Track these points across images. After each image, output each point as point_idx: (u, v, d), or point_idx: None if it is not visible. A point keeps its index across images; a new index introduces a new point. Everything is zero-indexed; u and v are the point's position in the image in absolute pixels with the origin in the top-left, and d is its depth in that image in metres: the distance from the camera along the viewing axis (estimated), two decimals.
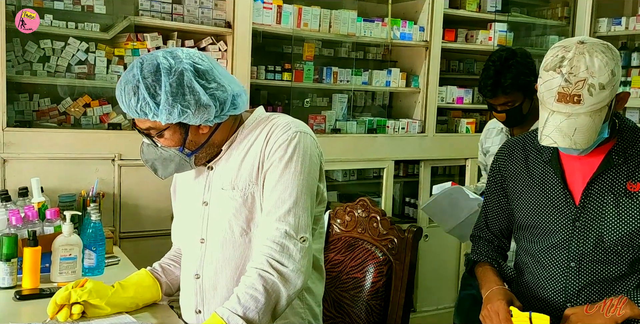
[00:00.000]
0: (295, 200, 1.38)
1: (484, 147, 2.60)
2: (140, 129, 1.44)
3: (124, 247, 2.41)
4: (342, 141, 3.18)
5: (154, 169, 1.50)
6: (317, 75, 3.19)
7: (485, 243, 1.75)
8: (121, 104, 1.40)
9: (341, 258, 1.92)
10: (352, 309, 1.84)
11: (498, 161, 1.69)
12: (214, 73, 1.41)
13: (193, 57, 1.40)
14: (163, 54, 1.38)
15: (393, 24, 3.31)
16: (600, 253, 1.49)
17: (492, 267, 1.68)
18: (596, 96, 1.34)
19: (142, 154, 1.49)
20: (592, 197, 1.49)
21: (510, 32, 3.70)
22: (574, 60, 1.35)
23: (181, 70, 1.36)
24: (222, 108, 1.41)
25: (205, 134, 1.45)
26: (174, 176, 1.63)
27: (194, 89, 1.36)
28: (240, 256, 1.46)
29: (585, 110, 1.35)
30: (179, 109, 1.35)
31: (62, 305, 1.43)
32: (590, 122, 1.36)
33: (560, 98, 1.36)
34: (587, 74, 1.34)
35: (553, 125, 1.38)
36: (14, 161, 2.39)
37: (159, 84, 1.35)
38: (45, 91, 2.61)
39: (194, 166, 1.50)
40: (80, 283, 1.47)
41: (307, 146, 1.42)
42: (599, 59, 1.35)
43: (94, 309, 1.47)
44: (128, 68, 1.39)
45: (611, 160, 1.48)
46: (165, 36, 2.75)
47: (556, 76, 1.36)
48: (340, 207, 2.02)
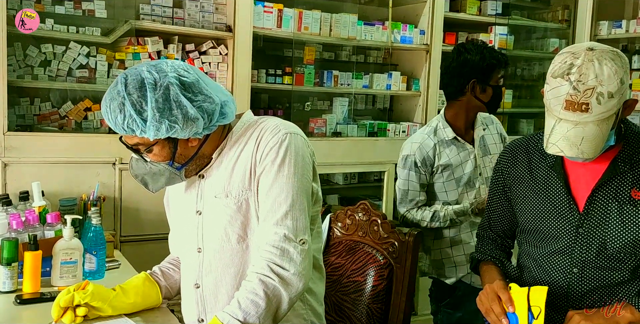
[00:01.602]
0: (291, 203, 1.37)
1: (441, 163, 2.29)
2: (128, 144, 1.42)
3: (125, 251, 2.41)
4: (342, 145, 3.18)
5: (144, 184, 1.49)
6: (318, 78, 3.19)
7: (489, 242, 1.75)
8: (107, 121, 1.37)
9: (342, 261, 1.92)
10: (353, 313, 1.83)
11: (501, 163, 1.68)
12: (200, 85, 1.39)
13: (178, 70, 1.37)
14: (147, 68, 1.36)
15: (393, 28, 3.32)
16: (604, 260, 1.48)
17: (495, 266, 1.67)
18: (604, 104, 1.32)
19: (132, 169, 1.48)
20: (596, 204, 1.48)
21: (510, 35, 3.71)
22: (583, 68, 1.33)
23: (167, 85, 1.34)
24: (211, 119, 1.39)
25: (194, 146, 1.43)
26: (166, 188, 1.62)
27: (180, 103, 1.34)
28: (238, 263, 1.45)
29: (593, 119, 1.33)
30: (167, 124, 1.33)
31: (65, 308, 1.44)
32: (598, 131, 1.34)
33: (568, 106, 1.33)
34: (596, 82, 1.31)
35: (560, 133, 1.36)
36: (15, 165, 2.39)
37: (144, 100, 1.32)
38: (46, 95, 2.61)
39: (184, 179, 1.48)
40: (82, 286, 1.47)
41: (298, 146, 1.41)
42: (609, 67, 1.32)
43: (95, 311, 1.47)
44: (112, 84, 1.37)
45: (617, 167, 1.46)
46: (166, 40, 2.75)
47: (564, 83, 1.34)
48: (341, 210, 2.02)
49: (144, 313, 1.55)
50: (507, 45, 3.68)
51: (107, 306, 1.47)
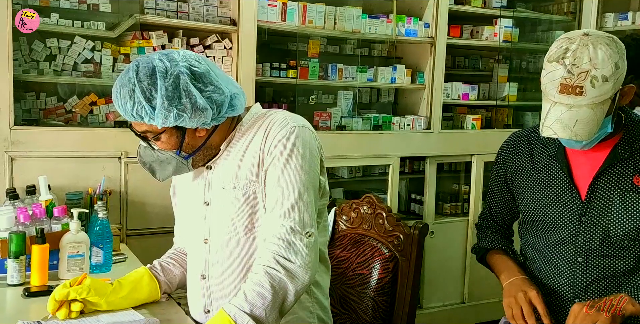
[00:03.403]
0: (298, 195, 1.38)
1: None
2: (137, 131, 1.43)
3: (131, 244, 2.42)
4: (347, 138, 3.18)
5: (151, 172, 1.50)
6: (322, 72, 3.19)
7: (492, 232, 1.75)
8: (117, 107, 1.39)
9: (347, 254, 1.93)
10: (358, 306, 1.84)
11: (502, 154, 1.69)
12: (210, 75, 1.40)
13: (189, 60, 1.39)
14: (159, 57, 1.37)
15: (398, 21, 3.31)
16: (608, 248, 1.49)
17: (507, 255, 1.68)
18: (599, 88, 1.33)
19: (139, 157, 1.49)
20: (599, 192, 1.49)
21: (515, 27, 3.69)
22: (578, 52, 1.34)
23: (177, 74, 1.35)
24: (220, 110, 1.40)
25: (202, 137, 1.44)
26: (173, 178, 1.63)
27: (190, 92, 1.35)
28: (245, 254, 1.46)
29: (587, 102, 1.34)
30: (175, 112, 1.35)
31: (61, 302, 1.43)
32: (592, 115, 1.35)
33: (562, 89, 1.35)
34: (590, 65, 1.33)
35: (555, 116, 1.37)
36: (22, 159, 2.41)
37: (154, 87, 1.34)
38: (51, 90, 2.62)
39: (191, 169, 1.49)
40: (79, 280, 1.47)
41: (306, 139, 1.42)
42: (603, 51, 1.34)
43: (91, 306, 1.46)
44: (124, 71, 1.38)
45: (617, 154, 1.47)
46: (170, 34, 2.75)
47: (559, 67, 1.36)
48: (346, 204, 2.02)
49: (150, 305, 1.56)
50: (512, 38, 3.67)
51: (104, 301, 1.46)
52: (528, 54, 4.04)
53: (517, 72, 3.95)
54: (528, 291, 1.49)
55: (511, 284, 1.54)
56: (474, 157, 3.58)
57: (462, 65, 3.91)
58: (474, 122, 3.60)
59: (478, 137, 3.57)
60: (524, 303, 1.47)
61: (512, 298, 1.50)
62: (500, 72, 3.78)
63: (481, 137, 3.57)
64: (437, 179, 3.55)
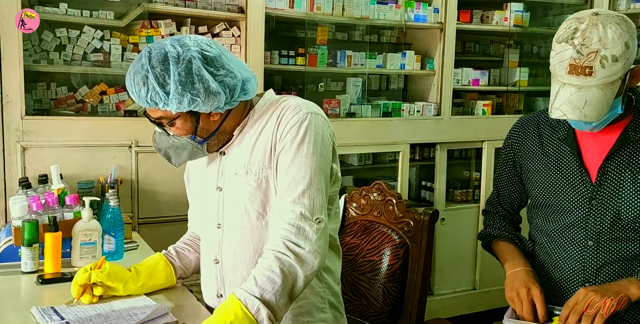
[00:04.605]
0: (309, 181, 1.38)
1: None
2: (151, 118, 1.45)
3: (143, 232, 2.45)
4: (357, 125, 3.18)
5: (167, 158, 1.51)
6: (331, 59, 3.18)
7: (499, 218, 1.74)
8: (131, 94, 1.40)
9: (357, 241, 1.93)
10: (369, 292, 1.85)
11: (511, 138, 1.68)
12: (222, 59, 1.41)
13: (201, 44, 1.40)
14: (171, 42, 1.38)
15: (407, 6, 3.28)
16: (618, 231, 1.47)
17: (514, 243, 1.66)
18: (608, 68, 1.31)
19: (155, 143, 1.50)
20: (609, 174, 1.48)
21: (526, 12, 3.64)
22: (587, 32, 1.32)
23: (189, 59, 1.36)
24: (232, 95, 1.41)
25: (216, 121, 1.45)
26: (187, 163, 1.64)
27: (202, 76, 1.36)
28: (258, 239, 1.47)
29: (596, 82, 1.32)
30: (189, 97, 1.36)
31: (84, 286, 1.47)
32: (602, 96, 1.33)
33: (571, 70, 1.33)
34: (599, 45, 1.31)
35: (563, 97, 1.36)
36: (34, 148, 2.42)
37: (167, 73, 1.35)
38: (62, 80, 2.63)
39: (206, 153, 1.51)
40: (99, 264, 1.50)
41: (318, 126, 1.42)
42: (613, 31, 1.31)
43: (110, 292, 1.51)
44: (137, 58, 1.40)
45: (627, 136, 1.46)
46: (178, 23, 2.75)
47: (568, 48, 1.34)
48: (356, 190, 2.02)
49: (162, 292, 1.58)
50: (523, 23, 3.63)
51: (122, 286, 1.50)
52: (539, 39, 3.99)
53: (528, 57, 3.91)
54: (532, 288, 1.47)
55: (515, 276, 1.53)
56: (484, 144, 3.56)
57: (472, 51, 3.88)
58: (484, 108, 3.58)
59: (489, 123, 3.55)
60: (526, 301, 1.46)
61: (515, 293, 1.48)
62: (511, 57, 3.74)
63: (492, 123, 3.55)
64: (447, 166, 3.53)
